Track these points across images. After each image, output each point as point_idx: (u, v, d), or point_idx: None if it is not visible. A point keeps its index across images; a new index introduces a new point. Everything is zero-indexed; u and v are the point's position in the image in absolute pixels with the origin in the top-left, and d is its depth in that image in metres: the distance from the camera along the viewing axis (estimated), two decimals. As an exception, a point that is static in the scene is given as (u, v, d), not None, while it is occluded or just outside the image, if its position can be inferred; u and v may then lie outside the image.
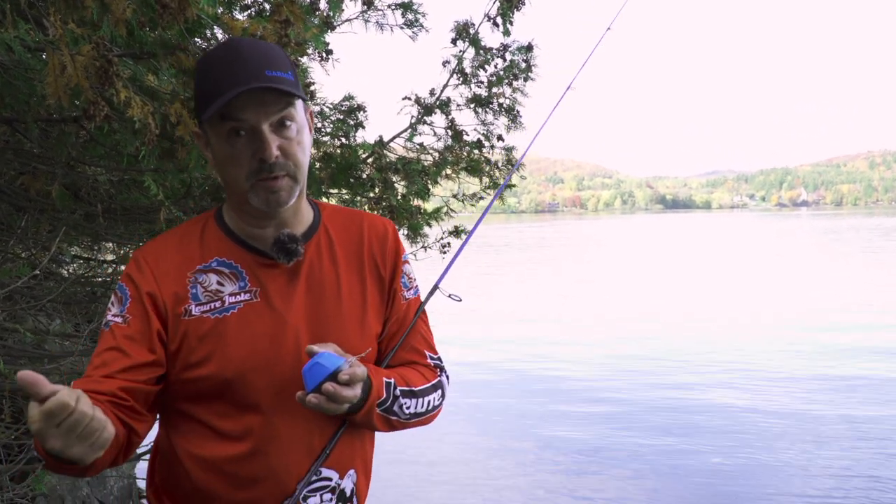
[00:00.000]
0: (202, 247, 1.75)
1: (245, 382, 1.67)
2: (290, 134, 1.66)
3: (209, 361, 1.66)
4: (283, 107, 1.64)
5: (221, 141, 1.65)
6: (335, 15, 5.27)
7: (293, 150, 1.66)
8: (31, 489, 4.18)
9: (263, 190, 1.66)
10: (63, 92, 2.30)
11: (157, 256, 1.73)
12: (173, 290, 1.69)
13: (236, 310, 1.69)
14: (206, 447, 1.70)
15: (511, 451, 8.00)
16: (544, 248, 50.84)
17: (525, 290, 23.85)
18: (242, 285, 1.71)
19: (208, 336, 1.67)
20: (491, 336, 14.82)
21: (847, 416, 8.94)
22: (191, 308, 1.69)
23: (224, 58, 1.63)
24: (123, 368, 1.63)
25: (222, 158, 1.68)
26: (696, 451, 7.74)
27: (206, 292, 1.70)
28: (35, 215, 4.49)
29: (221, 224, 1.78)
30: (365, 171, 5.61)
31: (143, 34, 2.71)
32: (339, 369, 1.59)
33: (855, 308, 17.60)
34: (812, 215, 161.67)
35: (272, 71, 1.62)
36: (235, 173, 1.66)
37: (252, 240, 1.75)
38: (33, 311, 5.43)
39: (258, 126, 1.62)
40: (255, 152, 1.63)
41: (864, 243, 45.07)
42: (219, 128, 1.64)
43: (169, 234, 1.81)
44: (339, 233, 1.84)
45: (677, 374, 11.39)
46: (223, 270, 1.72)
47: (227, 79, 1.60)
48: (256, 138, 1.62)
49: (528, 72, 6.37)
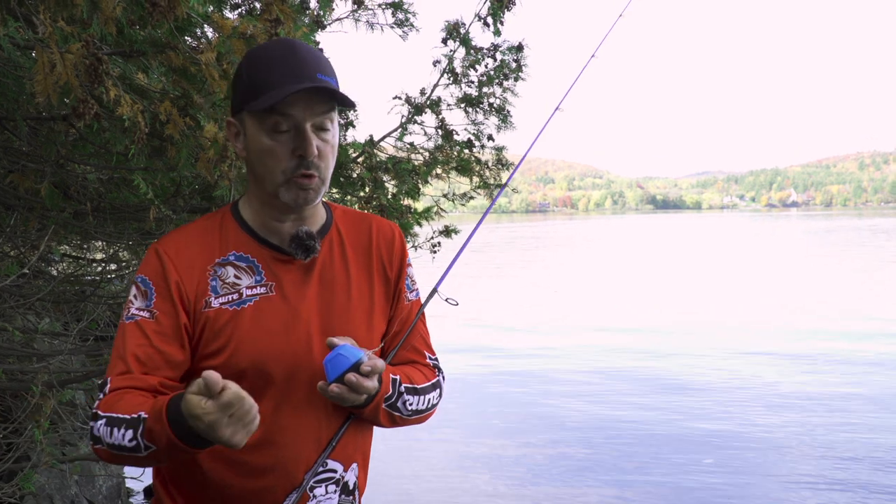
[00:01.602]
0: (220, 241, 1.80)
1: (258, 373, 1.71)
2: (327, 137, 1.73)
3: (224, 351, 1.71)
4: (327, 110, 1.71)
5: (261, 133, 1.70)
6: (325, 14, 5.27)
7: (327, 154, 1.73)
8: (20, 488, 4.18)
9: (296, 186, 1.71)
10: (52, 90, 2.30)
11: (178, 249, 1.77)
12: (195, 283, 1.74)
13: (252, 302, 1.74)
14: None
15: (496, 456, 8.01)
16: (540, 248, 50.82)
17: (515, 292, 23.81)
18: (259, 279, 1.77)
19: (225, 327, 1.72)
20: (480, 340, 14.77)
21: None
22: (210, 300, 1.73)
23: (281, 54, 1.69)
24: (159, 366, 1.69)
25: (259, 150, 1.72)
26: (689, 456, 7.75)
27: (224, 285, 1.75)
28: (24, 213, 4.48)
29: (238, 219, 1.83)
30: (355, 171, 5.62)
31: (132, 32, 2.71)
32: (360, 361, 1.66)
33: (852, 312, 17.60)
34: (802, 216, 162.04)
35: (323, 75, 1.68)
36: (272, 166, 1.71)
37: (269, 235, 1.80)
38: (22, 310, 5.42)
39: (302, 124, 1.68)
40: (295, 149, 1.69)
41: (860, 244, 45.16)
42: (263, 120, 1.69)
43: (187, 228, 1.84)
44: (350, 233, 1.90)
45: (668, 375, 11.41)
46: (240, 264, 1.77)
47: (285, 74, 1.66)
48: (299, 135, 1.69)
49: (519, 72, 6.38)
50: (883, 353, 12.55)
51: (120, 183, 4.52)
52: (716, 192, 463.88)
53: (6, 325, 4.64)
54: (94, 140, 3.62)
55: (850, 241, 48.76)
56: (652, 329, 15.60)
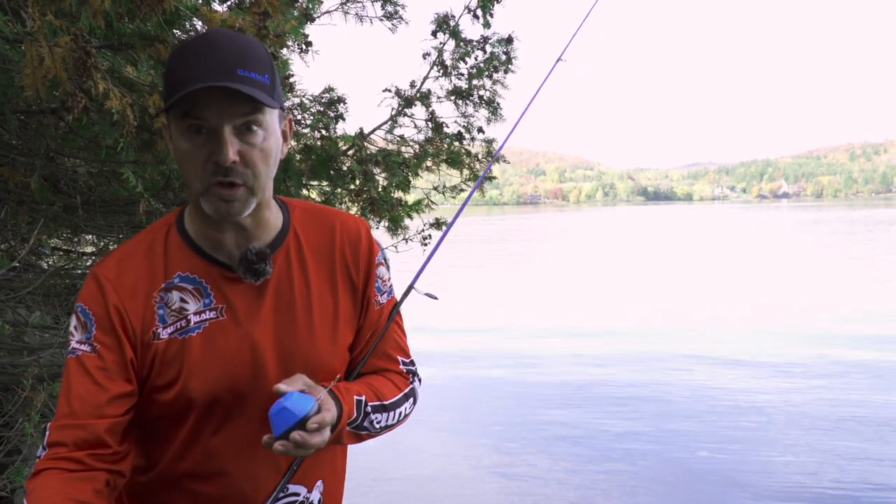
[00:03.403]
0: (165, 261, 1.65)
1: (210, 402, 1.62)
2: (254, 140, 1.53)
3: (175, 384, 1.60)
4: (250, 110, 1.51)
5: (181, 136, 1.53)
6: (314, 7, 5.28)
7: (254, 159, 1.54)
8: (11, 482, 4.18)
9: (216, 197, 1.54)
10: (41, 83, 2.30)
11: (120, 275, 1.62)
12: (141, 312, 1.61)
13: (201, 329, 1.62)
14: (170, 465, 1.68)
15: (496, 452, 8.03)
16: (530, 240, 50.84)
17: (506, 284, 23.83)
18: (207, 302, 1.63)
19: (175, 358, 1.60)
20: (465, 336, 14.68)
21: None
22: (158, 331, 1.61)
23: (197, 49, 1.51)
24: (102, 404, 1.55)
25: (177, 154, 1.57)
26: (686, 446, 7.78)
27: (171, 312, 1.61)
28: (14, 207, 4.48)
29: (183, 232, 1.67)
30: (345, 164, 5.62)
31: (121, 26, 2.71)
32: (307, 416, 1.51)
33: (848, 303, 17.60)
34: (793, 207, 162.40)
35: (245, 70, 1.50)
36: (191, 172, 1.55)
37: (215, 251, 1.66)
38: (12, 303, 5.42)
39: (219, 126, 1.50)
40: (211, 153, 1.51)
41: (849, 235, 45.29)
42: (180, 122, 1.52)
43: (129, 248, 1.68)
44: (310, 236, 1.74)
45: (663, 369, 11.43)
46: (186, 287, 1.63)
47: (195, 71, 1.48)
48: (215, 139, 1.50)
49: (509, 64, 6.40)
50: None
51: (109, 176, 4.52)
52: (707, 183, 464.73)
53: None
54: (84, 133, 3.62)
55: (847, 232, 48.78)
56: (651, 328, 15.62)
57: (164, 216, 1.74)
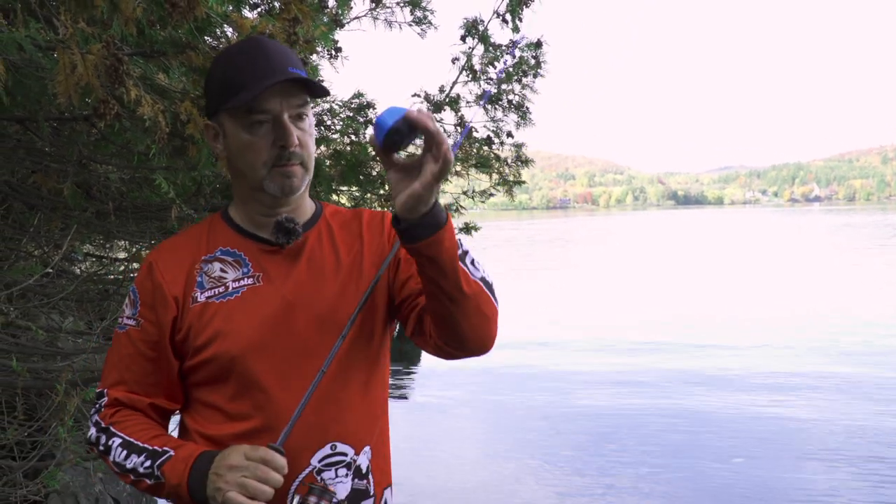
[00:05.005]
0: (208, 240, 1.83)
1: (249, 361, 1.72)
2: (305, 126, 1.76)
3: (213, 343, 1.72)
4: (302, 102, 1.74)
5: (240, 130, 1.73)
6: (344, 13, 5.29)
7: (307, 142, 1.76)
8: (44, 486, 4.22)
9: (280, 175, 1.74)
10: (74, 91, 2.32)
11: (166, 255, 1.81)
12: (183, 282, 1.77)
13: (239, 293, 1.76)
14: (216, 427, 1.75)
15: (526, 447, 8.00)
16: (565, 244, 50.66)
17: (542, 289, 23.76)
18: (246, 271, 1.79)
19: (212, 319, 1.74)
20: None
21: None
22: (196, 295, 1.76)
23: (248, 53, 1.73)
24: (148, 372, 1.77)
25: (239, 147, 1.75)
26: (715, 454, 7.72)
27: (210, 279, 1.77)
28: (47, 213, 4.53)
29: (227, 219, 1.86)
30: (375, 169, 5.63)
31: (152, 33, 2.73)
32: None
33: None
34: (825, 211, 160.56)
35: (294, 68, 1.72)
36: (253, 160, 1.73)
37: (256, 229, 1.82)
38: (46, 309, 5.47)
39: (280, 116, 1.70)
40: (276, 140, 1.71)
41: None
42: (241, 118, 1.72)
43: (177, 235, 1.91)
44: (340, 220, 1.92)
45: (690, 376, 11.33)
46: (227, 259, 1.80)
47: (256, 72, 1.69)
48: (279, 127, 1.71)
49: (538, 68, 6.38)
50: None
51: (141, 182, 4.55)
52: (738, 187, 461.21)
53: (30, 324, 4.68)
54: (116, 140, 3.65)
55: (886, 237, 47.99)
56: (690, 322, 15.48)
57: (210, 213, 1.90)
